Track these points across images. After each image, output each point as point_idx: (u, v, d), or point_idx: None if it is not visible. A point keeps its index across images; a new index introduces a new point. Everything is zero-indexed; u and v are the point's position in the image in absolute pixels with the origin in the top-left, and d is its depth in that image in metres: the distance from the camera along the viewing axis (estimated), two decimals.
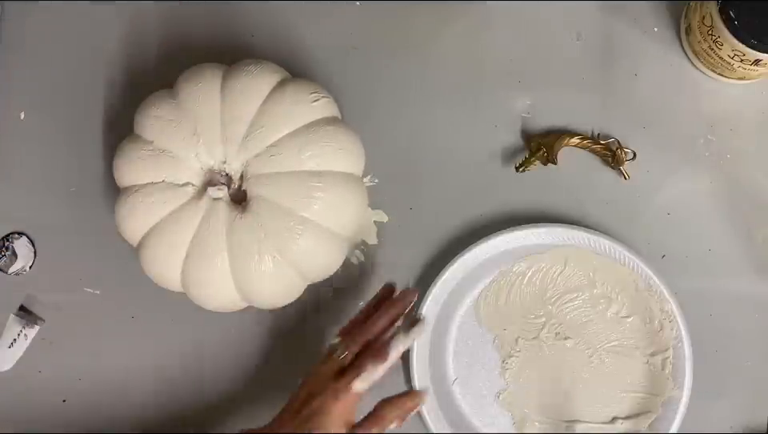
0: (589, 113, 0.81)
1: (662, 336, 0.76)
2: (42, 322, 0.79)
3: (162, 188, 0.71)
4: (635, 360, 0.77)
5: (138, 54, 0.83)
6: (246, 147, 0.71)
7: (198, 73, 0.74)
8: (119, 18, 0.83)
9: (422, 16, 0.83)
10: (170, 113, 0.72)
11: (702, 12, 0.75)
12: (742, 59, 0.74)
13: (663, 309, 0.76)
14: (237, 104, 0.72)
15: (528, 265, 0.78)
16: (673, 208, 0.80)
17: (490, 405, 0.78)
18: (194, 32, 0.83)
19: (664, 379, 0.76)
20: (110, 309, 0.80)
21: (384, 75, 0.82)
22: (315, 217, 0.70)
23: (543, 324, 0.78)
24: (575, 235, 0.77)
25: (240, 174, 0.72)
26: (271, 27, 0.83)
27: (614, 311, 0.78)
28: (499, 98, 0.81)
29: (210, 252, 0.70)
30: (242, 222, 0.70)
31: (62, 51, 0.83)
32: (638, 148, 0.80)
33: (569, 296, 0.78)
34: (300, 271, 0.72)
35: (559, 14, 0.82)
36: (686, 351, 0.75)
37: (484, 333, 0.78)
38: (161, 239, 0.71)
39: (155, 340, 0.79)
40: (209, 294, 0.72)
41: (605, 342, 0.78)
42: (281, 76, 0.74)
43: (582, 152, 0.80)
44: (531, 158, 0.78)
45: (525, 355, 0.78)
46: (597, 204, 0.80)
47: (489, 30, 0.83)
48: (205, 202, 0.71)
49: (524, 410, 0.78)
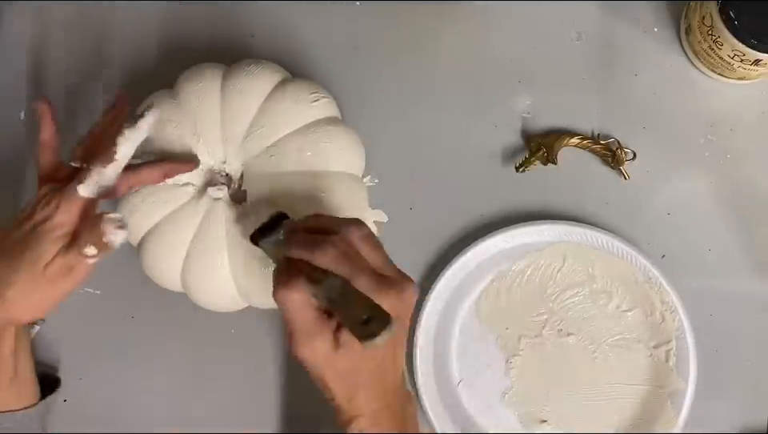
0: (589, 113, 0.81)
1: (664, 328, 0.77)
2: (42, 322, 0.79)
3: (162, 188, 0.71)
4: (638, 353, 0.77)
5: (138, 54, 0.83)
6: (246, 147, 0.71)
7: (198, 73, 0.74)
8: (119, 18, 0.83)
9: (422, 16, 0.83)
10: (170, 113, 0.72)
11: (701, 12, 0.75)
12: (742, 59, 0.74)
13: (664, 301, 0.76)
14: (237, 104, 0.72)
15: (527, 263, 0.78)
16: (673, 208, 0.80)
17: (496, 405, 0.78)
18: (194, 32, 0.83)
19: (668, 371, 0.76)
20: (110, 309, 0.79)
21: (384, 75, 0.82)
22: None
23: (545, 322, 0.78)
24: (573, 231, 0.77)
25: (240, 174, 0.72)
26: (271, 27, 0.83)
27: (615, 305, 0.78)
28: (499, 98, 0.81)
29: (210, 252, 0.70)
30: (242, 222, 0.70)
31: (61, 51, 0.83)
32: (638, 148, 0.80)
33: (569, 292, 0.78)
34: None
35: (559, 14, 0.82)
36: (689, 342, 0.75)
37: (486, 333, 0.78)
38: (161, 239, 0.71)
39: (155, 340, 0.79)
40: (209, 293, 0.72)
41: (607, 336, 0.78)
42: (281, 76, 0.74)
43: (582, 152, 0.80)
44: (531, 158, 0.78)
45: (528, 354, 0.78)
46: (597, 204, 0.80)
47: (489, 30, 0.83)
48: (205, 202, 0.71)
49: (530, 409, 0.78)
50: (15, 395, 0.70)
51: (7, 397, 0.69)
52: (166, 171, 0.70)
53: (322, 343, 0.60)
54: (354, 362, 0.61)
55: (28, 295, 0.64)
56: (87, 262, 0.64)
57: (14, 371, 0.69)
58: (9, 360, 0.68)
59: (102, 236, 0.62)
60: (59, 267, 0.63)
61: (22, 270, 0.63)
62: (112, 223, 0.62)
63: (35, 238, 0.64)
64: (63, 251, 0.63)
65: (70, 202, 0.64)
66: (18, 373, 0.69)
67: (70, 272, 0.64)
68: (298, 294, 0.59)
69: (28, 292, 0.64)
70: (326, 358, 0.61)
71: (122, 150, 0.64)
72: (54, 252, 0.63)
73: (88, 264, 0.64)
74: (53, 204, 0.64)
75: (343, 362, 0.61)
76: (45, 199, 0.65)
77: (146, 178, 0.69)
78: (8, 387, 0.69)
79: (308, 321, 0.60)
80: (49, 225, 0.64)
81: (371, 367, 0.62)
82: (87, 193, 0.64)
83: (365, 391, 0.62)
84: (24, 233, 0.64)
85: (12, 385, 0.69)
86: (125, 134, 0.65)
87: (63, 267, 0.64)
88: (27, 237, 0.64)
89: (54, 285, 0.64)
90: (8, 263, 0.64)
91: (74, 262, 0.64)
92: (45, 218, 0.64)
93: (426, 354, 0.77)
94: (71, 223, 0.64)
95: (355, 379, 0.62)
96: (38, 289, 0.64)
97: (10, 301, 0.64)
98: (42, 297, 0.65)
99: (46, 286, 0.64)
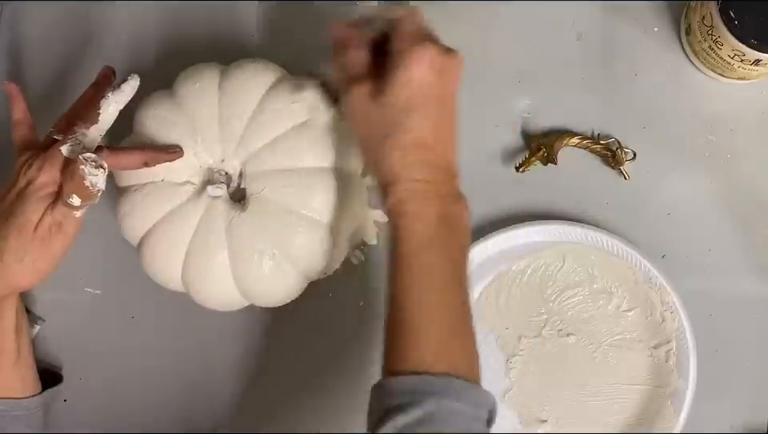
0: (589, 113, 0.81)
1: (664, 328, 0.76)
2: (42, 322, 0.79)
3: (161, 187, 0.71)
4: (639, 354, 0.77)
5: (136, 54, 0.83)
6: (245, 145, 0.71)
7: (197, 72, 0.74)
8: (119, 18, 0.83)
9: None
10: (169, 112, 0.72)
11: (701, 12, 0.75)
12: (742, 59, 0.74)
13: (664, 301, 0.76)
14: (235, 102, 0.72)
15: (527, 263, 0.78)
16: (673, 208, 0.80)
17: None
18: (194, 32, 0.83)
19: (668, 371, 0.76)
20: (110, 309, 0.79)
21: None
22: (315, 214, 0.70)
23: (545, 322, 0.78)
24: (573, 231, 0.77)
25: (239, 173, 0.72)
26: (271, 27, 0.83)
27: (615, 305, 0.78)
28: (499, 98, 0.81)
29: (210, 251, 0.70)
30: (242, 220, 0.70)
31: (61, 51, 0.83)
32: (637, 148, 0.80)
33: (569, 293, 0.78)
34: (300, 268, 0.72)
35: (559, 15, 0.82)
36: (689, 342, 0.75)
37: (486, 333, 0.78)
38: (161, 238, 0.71)
39: (155, 340, 0.79)
40: (209, 292, 0.72)
41: (607, 337, 0.78)
42: (279, 74, 0.74)
43: (582, 152, 0.80)
44: (531, 158, 0.78)
45: (528, 354, 0.78)
46: (597, 204, 0.80)
47: (489, 30, 0.83)
48: (204, 200, 0.71)
49: (530, 409, 0.77)
50: (20, 381, 0.70)
51: (12, 381, 0.70)
52: (147, 159, 0.69)
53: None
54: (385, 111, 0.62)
55: (22, 258, 0.65)
56: (74, 214, 0.65)
57: (17, 353, 0.69)
58: (11, 336, 0.69)
59: (83, 179, 0.63)
60: (48, 225, 0.65)
61: (12, 235, 0.64)
62: (89, 162, 0.63)
63: (21, 201, 0.65)
64: (50, 210, 0.65)
65: (52, 163, 0.65)
66: (20, 355, 0.70)
67: (60, 229, 0.65)
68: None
69: (21, 256, 0.65)
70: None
71: (105, 112, 0.66)
72: (41, 212, 0.65)
73: (76, 217, 0.66)
74: (35, 166, 0.65)
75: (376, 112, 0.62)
76: (26, 164, 0.66)
77: (124, 161, 0.68)
78: (11, 368, 0.69)
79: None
80: (33, 187, 0.65)
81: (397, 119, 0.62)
82: (70, 154, 0.65)
83: (401, 152, 0.62)
84: (10, 199, 0.65)
85: (15, 368, 0.70)
86: (108, 97, 0.66)
87: (53, 225, 0.65)
88: (14, 202, 0.65)
89: (47, 245, 0.65)
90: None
91: (61, 217, 0.65)
92: (29, 181, 0.65)
93: None
94: (55, 183, 0.65)
95: (384, 130, 0.62)
96: (31, 251, 0.65)
97: (5, 267, 0.65)
98: (37, 259, 0.66)
99: (39, 247, 0.65)
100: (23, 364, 0.71)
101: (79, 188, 0.64)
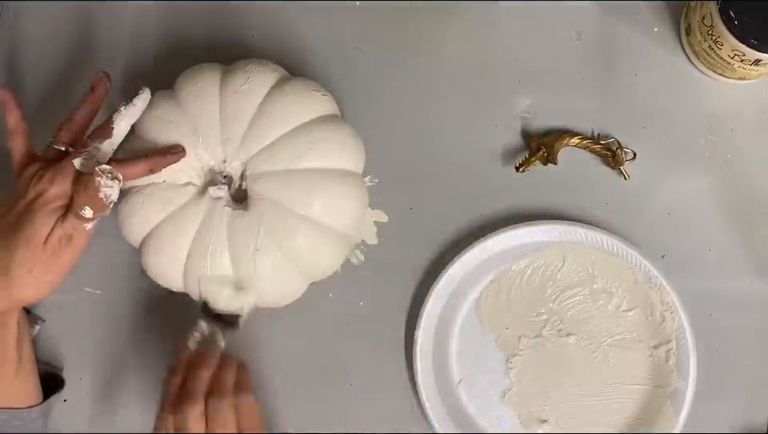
0: (589, 113, 0.81)
1: (664, 328, 0.77)
2: (42, 322, 0.79)
3: (163, 188, 0.71)
4: (639, 354, 0.77)
5: (137, 54, 0.83)
6: (246, 146, 0.71)
7: (198, 72, 0.74)
8: (119, 18, 0.83)
9: (422, 16, 0.83)
10: (170, 113, 0.72)
11: (701, 12, 0.75)
12: (742, 59, 0.74)
13: (664, 301, 0.76)
14: (236, 103, 0.72)
15: (527, 263, 0.78)
16: (673, 208, 0.80)
17: (496, 405, 0.78)
18: (193, 32, 0.83)
19: (668, 370, 0.76)
20: (110, 309, 0.79)
21: (384, 75, 0.82)
22: (315, 215, 0.70)
23: (545, 322, 0.78)
24: (573, 231, 0.77)
25: (240, 174, 0.72)
26: (271, 27, 0.83)
27: (615, 305, 0.78)
28: (499, 98, 0.81)
29: (211, 252, 0.70)
30: (243, 221, 0.70)
31: (62, 51, 0.83)
32: (637, 148, 0.80)
33: (569, 292, 0.78)
34: (301, 269, 0.72)
35: (559, 14, 0.82)
36: (689, 342, 0.75)
37: (486, 333, 0.78)
38: (162, 239, 0.71)
39: (155, 340, 0.79)
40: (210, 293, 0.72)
41: (607, 337, 0.78)
42: (280, 75, 0.74)
43: (582, 152, 0.80)
44: (531, 158, 0.78)
45: (528, 354, 0.78)
46: (597, 204, 0.80)
47: (489, 30, 0.83)
48: (206, 201, 0.71)
49: (530, 409, 0.78)
50: (22, 391, 0.70)
51: (13, 391, 0.70)
52: (152, 165, 0.69)
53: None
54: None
55: (30, 270, 0.65)
56: (85, 227, 0.65)
57: (18, 363, 0.69)
58: (13, 348, 0.68)
59: (98, 191, 0.63)
60: (58, 238, 0.65)
61: (21, 247, 0.64)
62: (106, 174, 0.63)
63: (31, 214, 0.64)
64: (60, 222, 0.65)
65: (64, 175, 0.65)
66: (22, 364, 0.69)
67: (70, 242, 0.65)
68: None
69: (30, 268, 0.65)
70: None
71: (118, 126, 0.67)
72: (51, 225, 0.64)
73: (86, 230, 0.65)
74: (45, 179, 0.65)
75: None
76: (36, 176, 0.66)
77: (131, 172, 0.68)
78: (13, 378, 0.69)
79: None
80: (44, 199, 0.65)
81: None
82: (83, 168, 0.65)
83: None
84: (18, 212, 0.65)
85: (17, 378, 0.69)
86: (121, 112, 0.67)
87: (63, 238, 0.65)
88: (22, 215, 0.65)
89: (56, 258, 0.65)
90: (6, 244, 0.64)
91: (71, 229, 0.65)
92: (39, 193, 0.65)
93: (426, 354, 0.77)
94: (66, 196, 0.65)
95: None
96: (40, 264, 0.65)
97: (13, 280, 0.64)
98: (46, 272, 0.65)
99: (48, 259, 0.65)
100: (25, 374, 0.71)
101: (92, 200, 0.64)
